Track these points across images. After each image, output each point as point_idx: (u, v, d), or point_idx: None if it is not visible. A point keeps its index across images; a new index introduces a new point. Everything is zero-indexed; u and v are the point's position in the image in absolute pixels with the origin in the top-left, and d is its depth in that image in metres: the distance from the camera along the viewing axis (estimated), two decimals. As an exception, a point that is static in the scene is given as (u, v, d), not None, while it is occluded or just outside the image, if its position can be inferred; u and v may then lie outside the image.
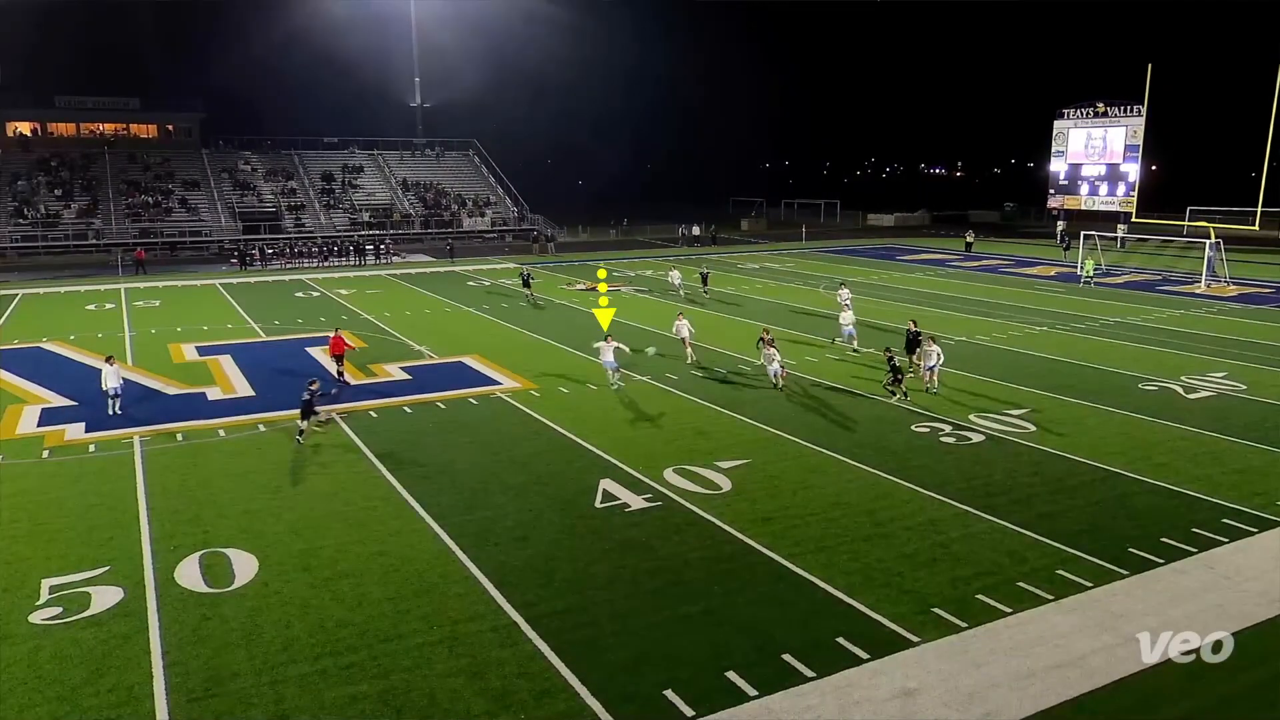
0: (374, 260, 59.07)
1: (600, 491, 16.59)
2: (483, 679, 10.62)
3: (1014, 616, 11.95)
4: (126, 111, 79.77)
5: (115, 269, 54.01)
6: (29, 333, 33.41)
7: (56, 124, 77.33)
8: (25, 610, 12.23)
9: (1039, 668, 10.75)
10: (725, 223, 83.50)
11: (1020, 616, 11.95)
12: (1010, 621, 11.83)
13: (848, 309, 30.89)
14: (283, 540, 14.52)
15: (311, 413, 19.60)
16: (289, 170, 76.69)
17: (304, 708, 10.09)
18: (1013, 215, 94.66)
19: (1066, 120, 71.70)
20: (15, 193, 65.96)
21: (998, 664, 10.84)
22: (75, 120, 77.59)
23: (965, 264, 55.82)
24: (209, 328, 34.47)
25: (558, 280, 48.69)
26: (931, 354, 23.22)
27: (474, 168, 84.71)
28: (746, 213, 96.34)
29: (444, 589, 12.87)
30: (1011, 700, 10.14)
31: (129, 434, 20.25)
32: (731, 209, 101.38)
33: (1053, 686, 10.38)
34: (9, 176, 67.51)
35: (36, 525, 15.17)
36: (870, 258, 59.75)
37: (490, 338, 32.14)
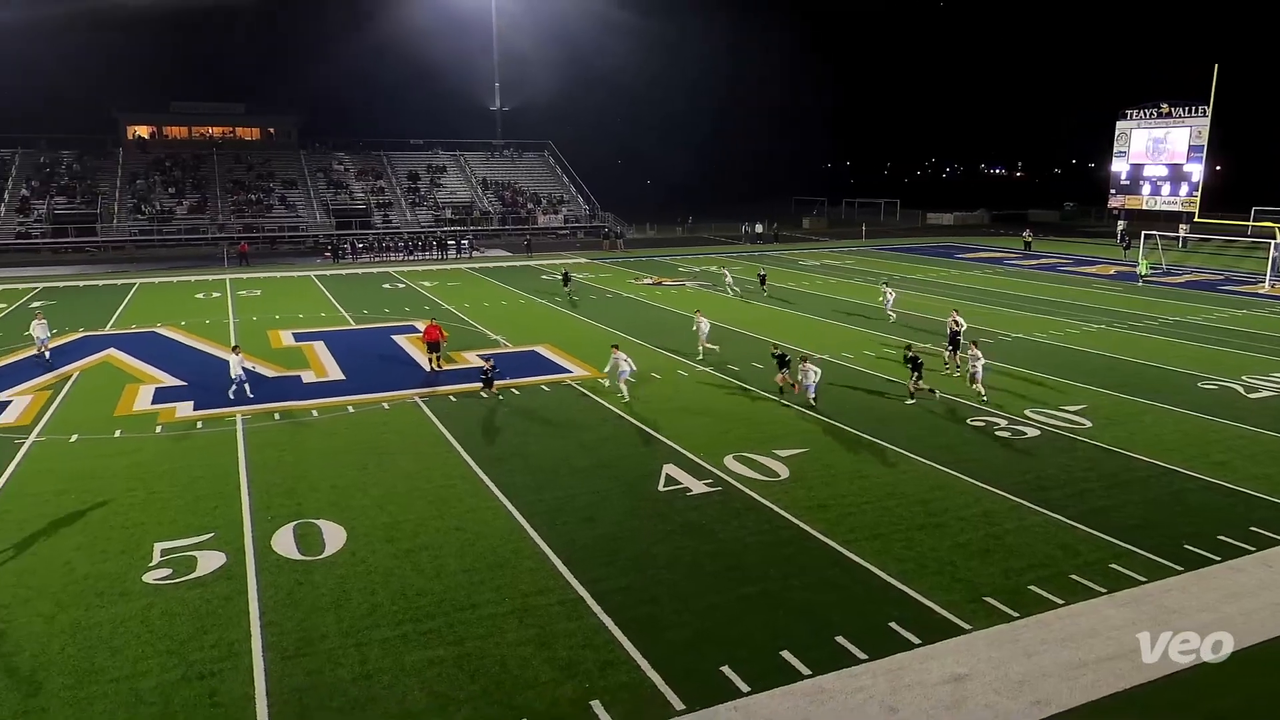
0: (455, 255, 60.02)
1: (663, 476, 16.60)
2: (550, 648, 10.75)
3: (1066, 608, 11.60)
4: (233, 116, 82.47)
5: (221, 261, 55.93)
6: (145, 318, 34.84)
7: (171, 128, 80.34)
8: (140, 570, 12.80)
9: (1090, 659, 10.42)
10: (787, 221, 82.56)
11: (1072, 608, 11.60)
12: (1062, 613, 11.49)
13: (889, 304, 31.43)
14: (369, 513, 14.90)
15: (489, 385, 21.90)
16: (378, 170, 78.32)
17: (386, 669, 10.35)
18: (1072, 215, 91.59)
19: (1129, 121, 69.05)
20: (135, 191, 68.77)
21: (1049, 654, 10.55)
22: (188, 124, 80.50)
23: (1023, 262, 54.21)
24: (304, 316, 35.46)
25: (626, 275, 48.79)
26: (977, 361, 21.90)
27: (549, 168, 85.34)
28: (808, 211, 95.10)
29: (515, 563, 13.05)
30: (1062, 689, 9.85)
31: (232, 413, 20.98)
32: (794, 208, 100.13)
33: (1104, 678, 10.06)
34: (129, 176, 70.40)
35: (150, 494, 15.84)
36: (929, 256, 58.45)
37: (562, 328, 32.39)
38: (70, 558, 13.20)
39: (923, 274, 48.14)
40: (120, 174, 70.26)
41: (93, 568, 12.87)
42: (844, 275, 47.96)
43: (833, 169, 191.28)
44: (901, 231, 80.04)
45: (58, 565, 12.96)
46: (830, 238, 73.78)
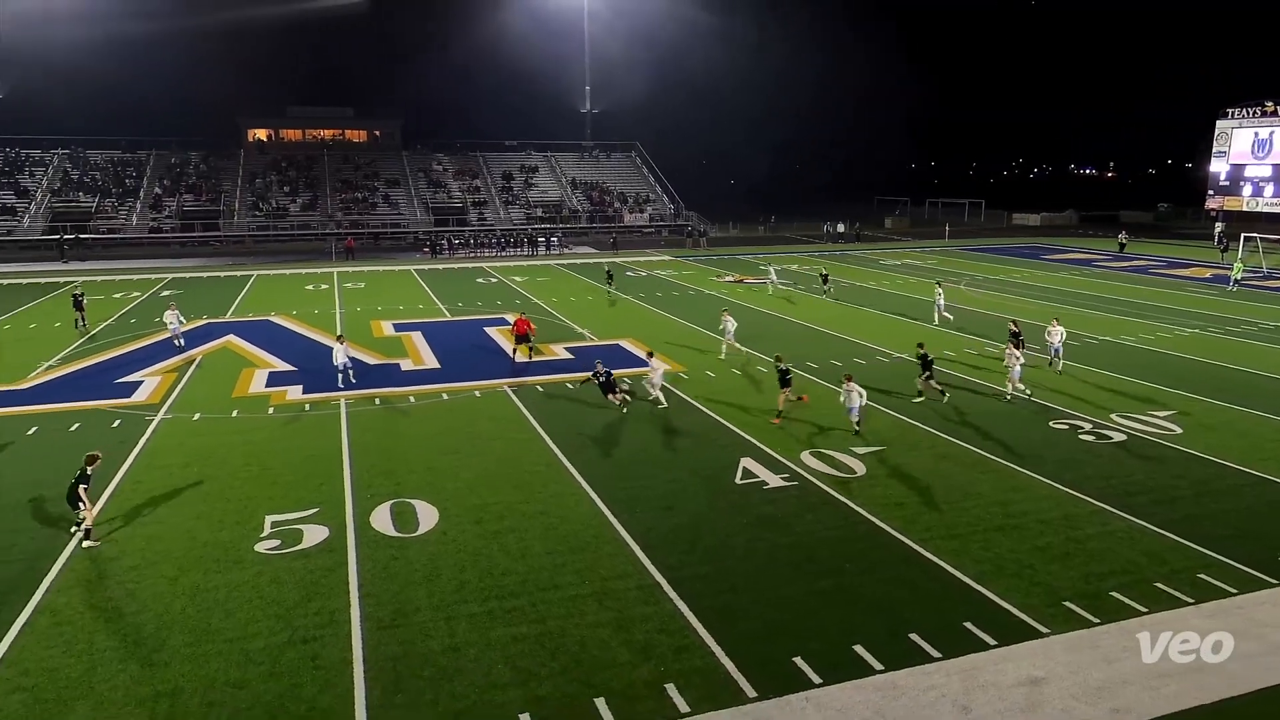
0: (544, 251, 60.86)
1: (740, 469, 16.51)
2: (627, 631, 10.83)
3: (1150, 616, 11.06)
4: (343, 120, 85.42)
5: (329, 255, 58.07)
6: (260, 307, 36.48)
7: (287, 131, 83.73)
8: (252, 541, 13.44)
9: (1174, 669, 9.92)
10: (869, 221, 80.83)
11: (1156, 617, 11.04)
12: (1146, 621, 10.95)
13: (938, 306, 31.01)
14: (460, 495, 15.27)
15: (611, 389, 20.30)
16: (474, 170, 80.00)
17: (473, 642, 10.61)
18: (1167, 216, 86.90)
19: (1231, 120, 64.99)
20: (254, 189, 72.03)
21: (1130, 661, 10.08)
22: (301, 127, 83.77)
23: (1113, 264, 51.73)
24: (404, 307, 36.52)
25: (708, 273, 48.61)
26: (1016, 361, 20.95)
27: (635, 168, 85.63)
28: (891, 211, 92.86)
29: (596, 548, 13.19)
30: (1144, 698, 9.40)
31: (336, 397, 21.79)
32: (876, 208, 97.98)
33: (1188, 689, 9.56)
34: (249, 176, 73.75)
35: (263, 470, 16.60)
36: (1013, 256, 56.33)
37: (645, 323, 32.50)
38: (191, 526, 13.96)
39: (1005, 274, 46.45)
40: (241, 174, 73.67)
41: (211, 536, 13.58)
42: (926, 275, 46.67)
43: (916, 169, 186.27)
44: (986, 232, 77.39)
45: (181, 533, 13.72)
46: (913, 238, 71.91)
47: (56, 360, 26.24)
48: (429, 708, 9.38)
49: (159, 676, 9.90)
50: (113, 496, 15.24)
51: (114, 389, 22.70)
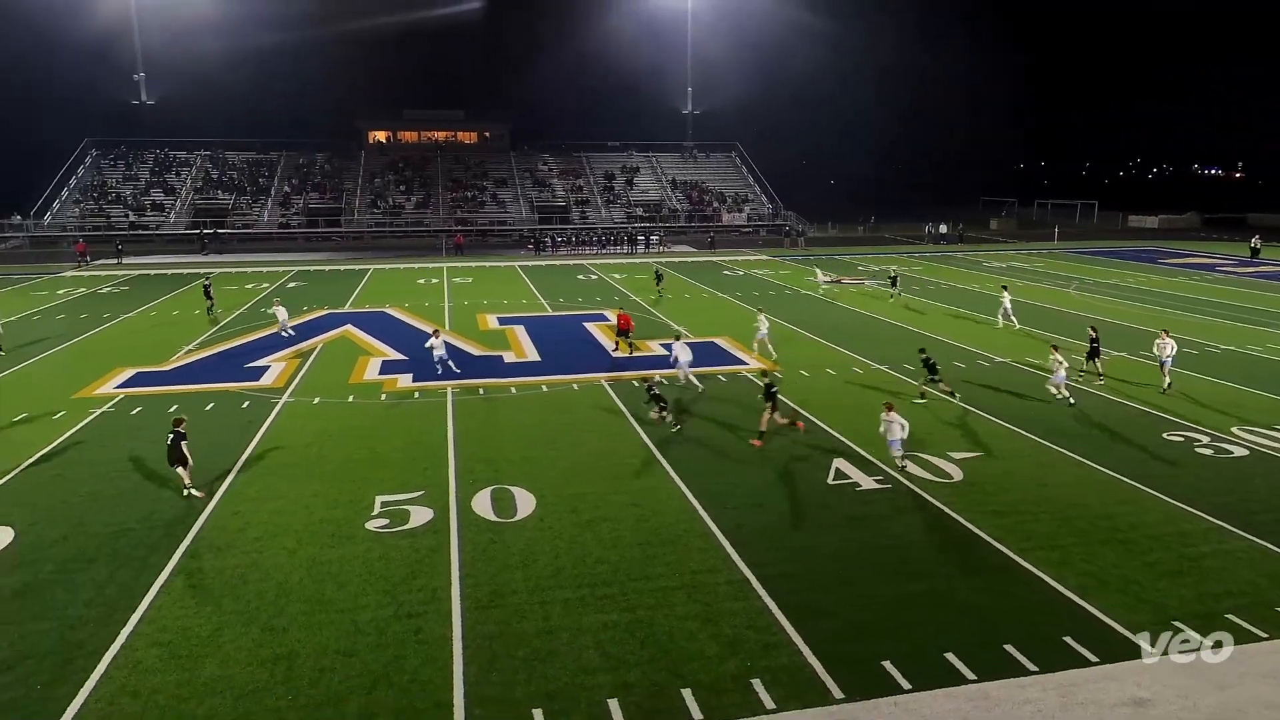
0: (644, 249, 61.19)
1: (833, 469, 16.20)
2: (715, 625, 10.80)
3: (1270, 642, 10.27)
4: (455, 121, 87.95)
5: (440, 251, 60.00)
6: (376, 299, 38.03)
7: (404, 133, 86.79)
8: (363, 519, 14.04)
9: (1296, 700, 9.18)
10: (974, 222, 77.85)
11: (1278, 643, 10.25)
12: (1265, 647, 10.18)
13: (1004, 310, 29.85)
14: (556, 484, 15.54)
15: (660, 402, 18.94)
16: (578, 170, 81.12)
17: (565, 627, 10.79)
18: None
19: (1378, 116, 59.44)
20: (373, 188, 75.12)
21: (1246, 688, 9.39)
22: (417, 129, 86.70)
23: (1239, 269, 48.16)
24: (508, 302, 37.40)
25: (805, 273, 47.83)
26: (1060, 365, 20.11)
27: (735, 168, 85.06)
28: (996, 212, 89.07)
29: (686, 542, 13.19)
30: (1260, 728, 8.76)
31: (443, 386, 22.50)
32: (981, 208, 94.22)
33: (1312, 722, 8.84)
34: (369, 175, 76.95)
35: (374, 453, 17.32)
36: (1128, 260, 53.21)
37: (741, 322, 32.25)
38: (309, 502, 14.69)
39: (1119, 279, 43.91)
40: (361, 174, 76.93)
41: (327, 513, 14.26)
42: (1032, 278, 44.63)
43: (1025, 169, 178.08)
44: (1099, 234, 73.35)
45: (300, 508, 14.46)
46: (1019, 239, 68.85)
47: (195, 344, 28.07)
48: (522, 686, 9.60)
49: (277, 641, 10.48)
50: (240, 472, 16.20)
51: (244, 373, 24.10)
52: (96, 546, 13.01)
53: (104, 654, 10.17)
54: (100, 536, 13.36)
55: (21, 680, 9.70)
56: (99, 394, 21.81)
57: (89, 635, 10.59)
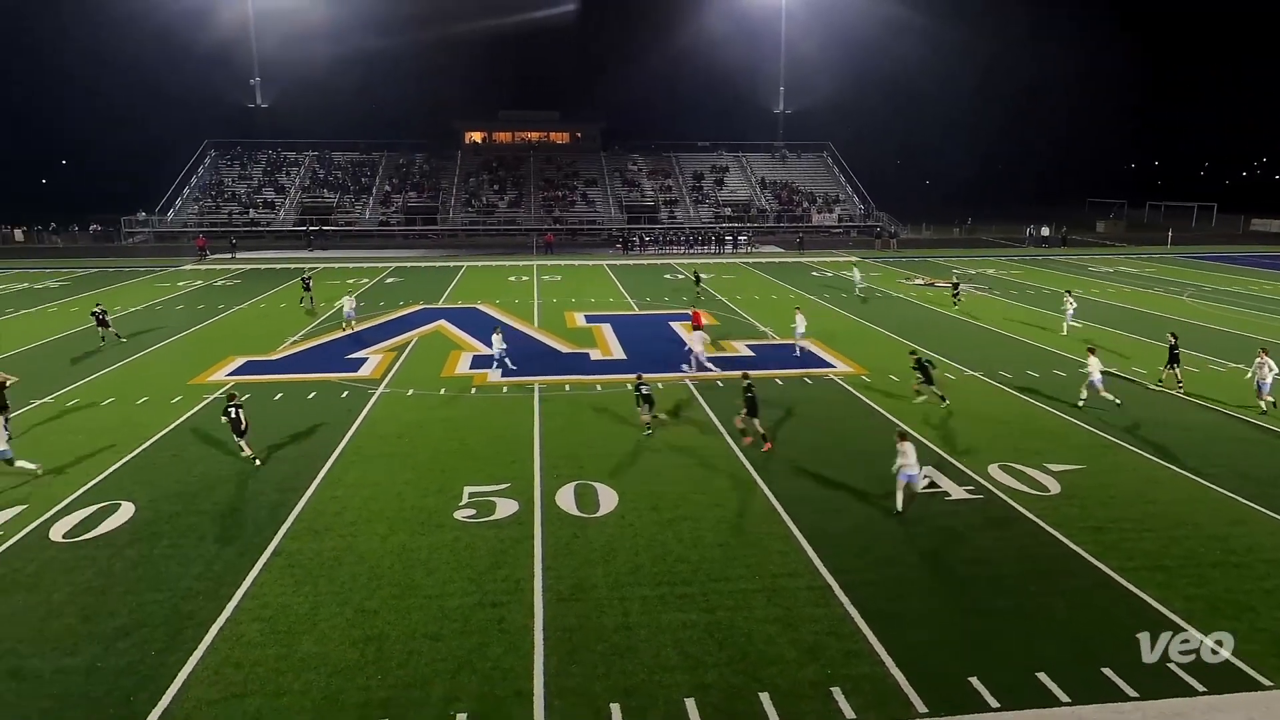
0: (731, 249, 60.82)
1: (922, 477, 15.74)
2: (795, 630, 10.66)
3: (1403, 682, 9.47)
4: (548, 122, 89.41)
5: (530, 249, 61.11)
6: (468, 296, 39.03)
7: (499, 134, 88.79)
8: (452, 508, 14.44)
9: None
10: (1079, 225, 74.37)
11: None
12: (1397, 686, 9.39)
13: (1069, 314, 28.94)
14: (638, 482, 15.62)
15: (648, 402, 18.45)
16: (667, 170, 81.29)
17: (644, 624, 10.84)
18: None
19: None
20: (468, 188, 77.13)
21: (1374, 730, 8.68)
22: (511, 130, 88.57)
23: (1377, 277, 44.45)
24: (595, 300, 37.79)
25: (896, 275, 46.67)
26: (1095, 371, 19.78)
27: (826, 168, 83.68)
28: (1104, 214, 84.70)
29: (767, 544, 13.06)
30: (1389, 774, 8.08)
31: (530, 381, 22.92)
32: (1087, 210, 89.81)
33: None
34: (464, 175, 79.03)
35: (463, 445, 17.79)
36: (1248, 266, 49.82)
37: (828, 324, 31.73)
38: (401, 490, 15.20)
39: (1241, 286, 41.14)
40: (457, 174, 79.07)
41: (417, 501, 14.72)
42: (1141, 284, 42.32)
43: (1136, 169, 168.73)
44: (1217, 238, 68.90)
45: (392, 495, 14.98)
46: (1128, 243, 65.40)
47: (300, 336, 29.42)
48: (600, 680, 9.69)
49: (369, 622, 10.89)
50: (338, 459, 16.89)
51: (344, 364, 25.12)
52: (207, 524, 13.80)
53: (211, 626, 10.79)
54: (210, 515, 14.16)
55: (138, 646, 10.37)
56: (212, 381, 23.12)
57: (198, 607, 11.24)
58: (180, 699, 9.36)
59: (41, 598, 11.47)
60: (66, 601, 11.37)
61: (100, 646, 10.34)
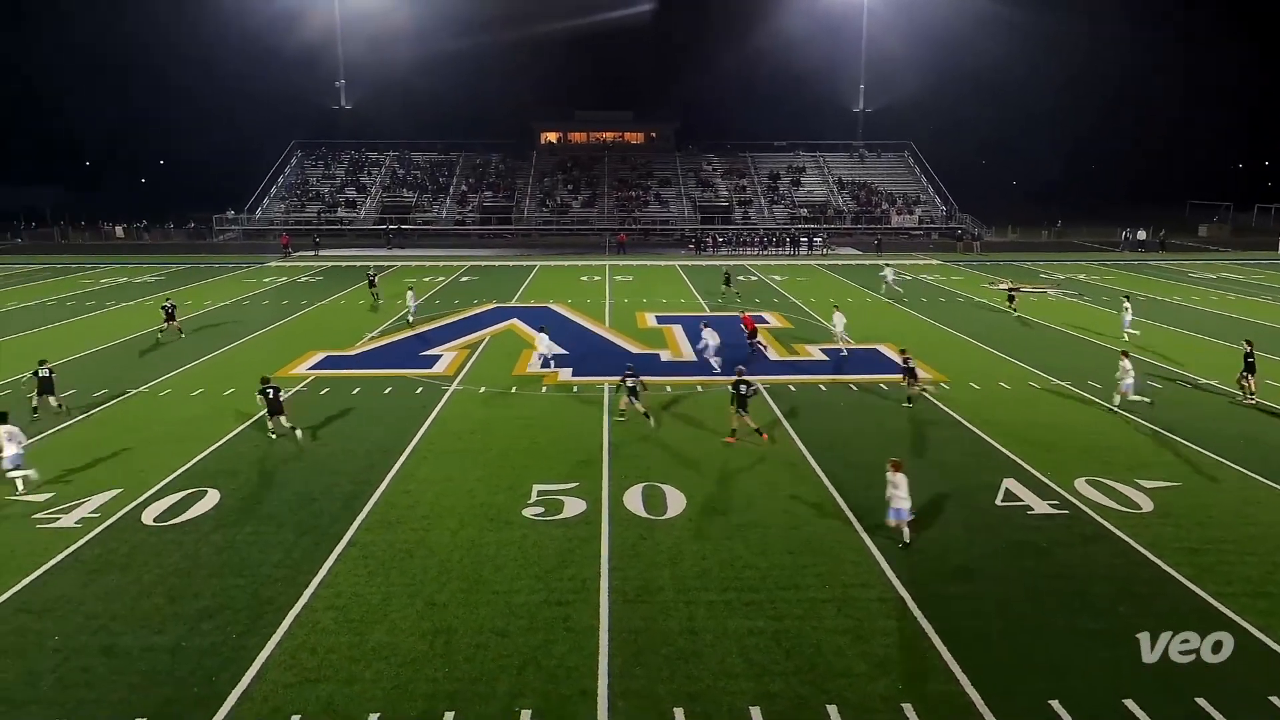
0: (806, 251, 60.09)
1: (1003, 490, 15.25)
2: (866, 643, 10.45)
3: None
4: (623, 122, 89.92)
5: (603, 249, 61.55)
6: (541, 295, 39.56)
7: (574, 134, 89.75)
8: (520, 505, 14.66)
9: None
10: (1179, 228, 70.87)
11: None
12: None
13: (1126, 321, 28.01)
14: (706, 485, 15.57)
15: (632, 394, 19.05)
16: (742, 170, 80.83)
17: (710, 629, 10.79)
18: None
19: None
20: (542, 187, 78.20)
21: None
22: (586, 130, 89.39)
23: None
24: (666, 301, 37.81)
25: (979, 279, 45.31)
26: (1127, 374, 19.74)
27: (907, 168, 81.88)
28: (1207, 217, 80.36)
29: (838, 554, 12.85)
30: None
31: (600, 381, 23.07)
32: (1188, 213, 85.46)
33: None
34: (539, 175, 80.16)
35: (533, 443, 18.03)
36: (1371, 273, 46.62)
37: (905, 329, 31.02)
38: (472, 487, 15.50)
39: (1360, 295, 38.53)
40: (532, 173, 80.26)
41: (488, 498, 14.99)
42: (1246, 291, 40.07)
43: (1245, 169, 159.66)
44: (1334, 243, 64.67)
45: (463, 491, 15.29)
46: (1234, 248, 62.02)
47: (377, 332, 30.31)
48: (664, 684, 9.69)
49: (438, 615, 11.14)
50: (412, 453, 17.33)
51: (419, 360, 25.76)
52: (286, 513, 14.34)
53: (288, 612, 11.20)
54: (290, 504, 14.71)
55: (221, 628, 10.85)
56: (294, 374, 24.02)
57: (277, 593, 11.69)
58: (258, 681, 9.74)
59: (133, 578, 12.11)
60: (156, 583, 11.98)
61: (185, 627, 10.86)
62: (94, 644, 10.47)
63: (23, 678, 9.79)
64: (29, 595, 11.65)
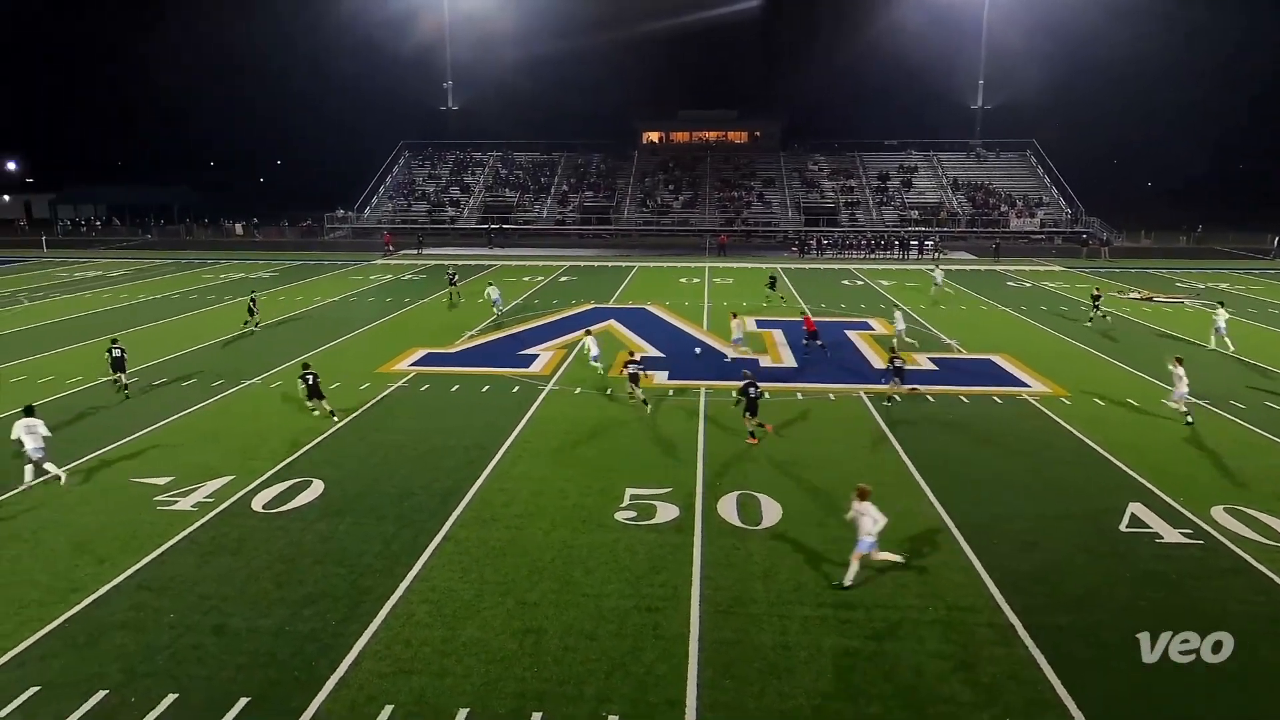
0: (916, 255, 58.41)
1: (1128, 514, 14.43)
2: (971, 670, 10.07)
3: None
4: (726, 121, 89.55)
5: (703, 251, 61.49)
6: (638, 296, 39.85)
7: (676, 133, 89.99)
8: (613, 508, 14.80)
9: None
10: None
11: None
12: None
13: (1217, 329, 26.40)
14: (804, 496, 15.33)
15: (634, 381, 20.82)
16: (849, 170, 79.27)
17: (804, 645, 10.62)
18: None
19: None
20: (643, 188, 78.80)
21: None
22: (689, 130, 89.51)
23: None
24: (766, 305, 37.44)
25: (1106, 287, 42.98)
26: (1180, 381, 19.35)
27: (1029, 168, 78.50)
28: (1375, 222, 73.88)
29: (943, 574, 12.43)
30: None
31: (697, 385, 23.05)
32: (1355, 217, 78.65)
33: None
34: (640, 175, 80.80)
35: (627, 446, 18.18)
36: None
37: (1023, 339, 29.74)
38: (565, 487, 15.75)
39: None
40: (633, 173, 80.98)
41: (580, 499, 15.20)
42: None
43: None
44: None
45: (556, 491, 15.56)
46: (1406, 256, 56.71)
47: (476, 330, 31.19)
48: (755, 699, 9.59)
49: (529, 614, 11.37)
50: (507, 452, 17.75)
51: (516, 360, 26.37)
52: (386, 505, 14.93)
53: (385, 602, 11.66)
54: (390, 497, 15.31)
55: (321, 614, 11.39)
56: (396, 370, 24.98)
57: (375, 584, 12.18)
58: (354, 669, 10.18)
59: (243, 562, 12.86)
60: (263, 567, 12.68)
61: (289, 611, 11.45)
62: (206, 623, 11.17)
63: (142, 651, 10.53)
64: (149, 573, 12.53)
